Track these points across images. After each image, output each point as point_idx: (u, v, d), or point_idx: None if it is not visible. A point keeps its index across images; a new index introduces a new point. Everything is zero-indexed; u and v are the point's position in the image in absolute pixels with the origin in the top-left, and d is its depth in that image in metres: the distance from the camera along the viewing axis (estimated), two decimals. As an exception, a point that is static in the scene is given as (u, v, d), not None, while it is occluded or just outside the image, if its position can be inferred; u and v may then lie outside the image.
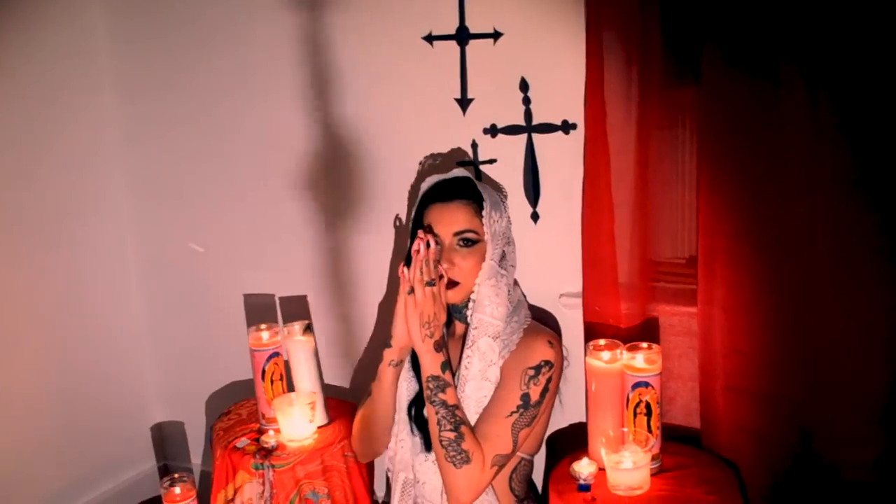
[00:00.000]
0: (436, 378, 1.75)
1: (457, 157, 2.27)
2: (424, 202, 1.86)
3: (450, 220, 1.82)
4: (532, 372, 1.80)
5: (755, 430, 1.90)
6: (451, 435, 1.73)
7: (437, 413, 1.74)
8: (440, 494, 1.86)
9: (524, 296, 1.98)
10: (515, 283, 1.93)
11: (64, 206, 2.73)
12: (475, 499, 1.77)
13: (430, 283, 1.73)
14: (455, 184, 1.86)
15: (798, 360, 1.83)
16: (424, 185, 1.89)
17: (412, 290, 1.73)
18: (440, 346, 1.75)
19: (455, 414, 1.75)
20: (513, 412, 1.78)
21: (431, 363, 1.75)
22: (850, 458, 1.82)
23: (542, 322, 1.94)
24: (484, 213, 1.81)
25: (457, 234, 1.81)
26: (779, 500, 1.91)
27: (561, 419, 2.15)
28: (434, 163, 2.30)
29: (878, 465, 1.80)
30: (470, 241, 1.81)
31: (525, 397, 1.79)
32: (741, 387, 1.91)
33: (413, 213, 1.88)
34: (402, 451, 1.95)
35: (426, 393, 1.76)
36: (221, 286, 2.81)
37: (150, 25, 2.73)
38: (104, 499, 2.86)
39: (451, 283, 1.81)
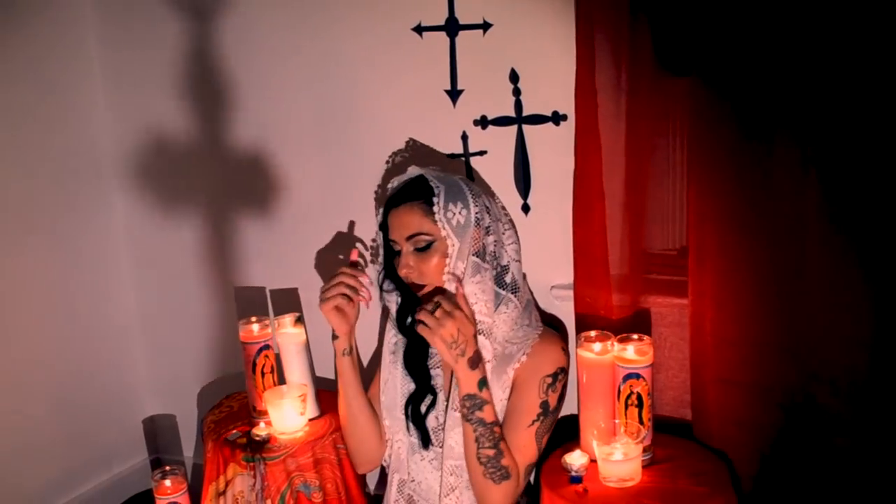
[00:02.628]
0: (472, 397, 1.72)
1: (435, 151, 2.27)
2: (387, 208, 1.82)
3: (399, 224, 1.77)
4: (550, 380, 1.80)
5: (746, 421, 1.90)
6: (491, 452, 1.73)
7: (474, 431, 1.73)
8: (436, 494, 1.87)
9: (532, 293, 1.98)
10: (525, 278, 1.91)
11: (54, 198, 2.71)
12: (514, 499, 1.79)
13: (436, 307, 1.67)
14: (408, 185, 1.80)
15: (789, 350, 1.83)
16: (390, 190, 1.86)
17: (421, 322, 1.68)
18: (475, 362, 1.71)
19: (494, 431, 1.74)
20: (534, 421, 1.78)
21: (467, 382, 1.71)
22: (837, 446, 1.82)
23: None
24: (436, 209, 1.73)
25: (408, 238, 1.76)
26: (769, 489, 1.92)
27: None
28: (403, 159, 2.29)
29: (862, 454, 1.81)
30: (424, 244, 1.76)
31: (544, 405, 1.79)
32: (732, 378, 1.91)
33: (380, 219, 1.85)
34: (397, 451, 1.95)
35: (462, 411, 1.74)
36: (212, 279, 2.80)
37: (137, 18, 2.71)
38: (96, 491, 2.86)
39: (418, 285, 1.79)
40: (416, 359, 1.93)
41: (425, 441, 1.90)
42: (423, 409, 1.91)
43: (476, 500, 1.80)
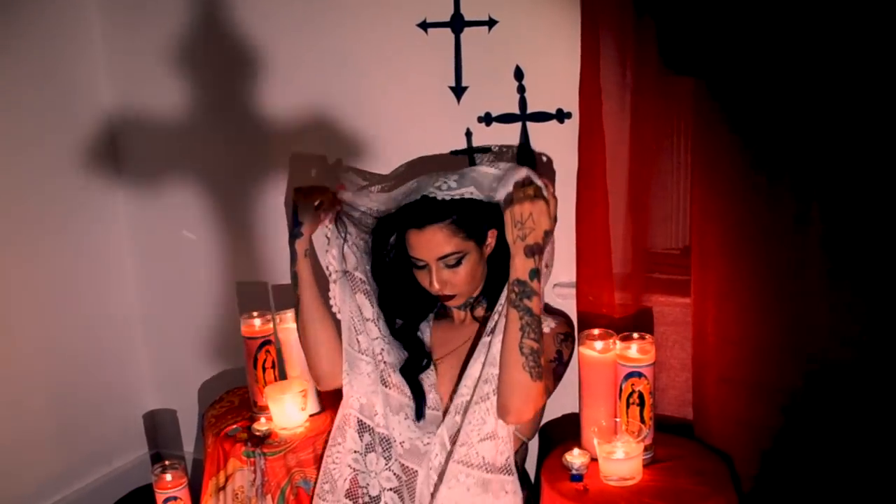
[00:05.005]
0: (522, 283, 1.66)
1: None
2: (405, 226, 1.84)
3: (426, 247, 1.81)
4: (562, 336, 1.84)
5: (747, 421, 1.90)
6: (535, 345, 1.67)
7: (521, 318, 1.67)
8: (421, 454, 1.87)
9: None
10: None
11: (57, 193, 2.72)
12: (530, 418, 1.76)
13: (529, 184, 1.67)
14: (426, 206, 1.80)
15: (790, 350, 1.83)
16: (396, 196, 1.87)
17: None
18: (532, 251, 1.65)
19: (539, 324, 1.70)
20: (551, 360, 1.80)
21: (521, 267, 1.66)
22: (838, 446, 1.82)
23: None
24: (461, 225, 1.80)
25: (440, 258, 1.81)
26: (769, 488, 1.91)
27: (554, 409, 2.15)
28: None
29: (863, 452, 1.81)
30: (455, 261, 1.81)
31: (559, 353, 1.82)
32: (734, 377, 1.91)
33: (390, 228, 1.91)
34: (369, 395, 1.95)
35: (510, 296, 1.68)
36: (214, 274, 2.80)
37: (142, 11, 2.71)
38: (96, 486, 2.86)
39: (448, 297, 1.85)
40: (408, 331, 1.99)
41: (420, 413, 1.90)
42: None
43: (503, 403, 1.72)
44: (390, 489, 1.92)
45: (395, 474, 1.92)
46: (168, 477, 2.12)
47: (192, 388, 2.91)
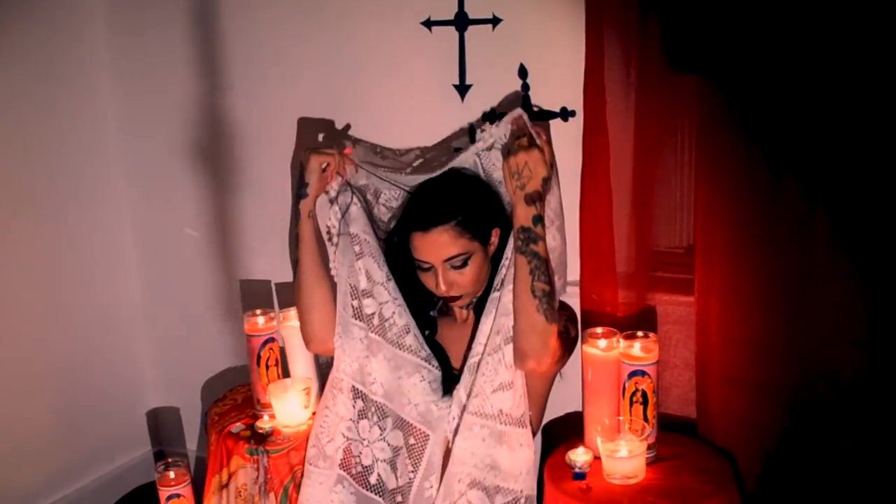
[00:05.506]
0: (526, 230, 1.67)
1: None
2: (409, 228, 1.83)
3: (431, 249, 1.79)
4: (567, 315, 1.83)
5: (751, 420, 1.90)
6: (546, 287, 1.68)
7: (529, 263, 1.67)
8: (435, 417, 1.85)
9: None
10: None
11: (62, 189, 2.72)
12: (551, 366, 1.75)
13: (521, 136, 1.68)
14: (430, 206, 1.80)
15: (794, 350, 1.82)
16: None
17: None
18: (532, 198, 1.66)
19: (549, 266, 1.70)
20: (560, 332, 1.77)
21: (523, 215, 1.67)
22: (842, 446, 1.82)
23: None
24: (466, 226, 1.78)
25: (445, 260, 1.79)
26: (773, 488, 1.91)
27: (558, 407, 2.15)
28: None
29: (865, 455, 1.80)
30: (461, 262, 1.80)
31: (566, 328, 1.81)
32: (737, 376, 1.91)
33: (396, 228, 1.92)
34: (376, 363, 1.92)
35: (516, 244, 1.69)
36: (218, 272, 2.80)
37: (146, 7, 2.71)
38: (99, 483, 2.86)
39: (454, 298, 1.83)
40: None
41: (447, 388, 1.87)
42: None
43: (521, 347, 1.72)
44: (383, 460, 1.91)
45: (389, 444, 1.90)
46: (171, 474, 2.12)
47: (196, 385, 2.91)
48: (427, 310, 2.00)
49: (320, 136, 2.47)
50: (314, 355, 2.20)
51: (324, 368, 2.13)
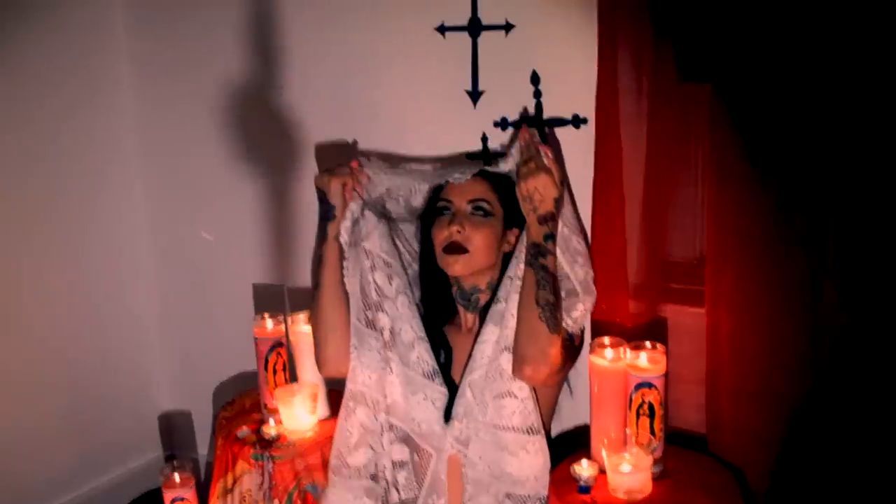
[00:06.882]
0: (536, 245, 1.73)
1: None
2: (444, 185, 1.90)
3: (463, 190, 1.86)
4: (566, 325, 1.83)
5: (761, 436, 1.86)
6: (552, 298, 1.72)
7: (536, 275, 1.72)
8: (438, 436, 1.86)
9: None
10: None
11: (78, 193, 2.74)
12: (549, 376, 1.75)
13: (530, 158, 1.74)
14: (469, 168, 1.90)
15: (805, 364, 1.78)
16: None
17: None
18: (545, 219, 1.72)
19: (555, 280, 1.74)
20: (564, 338, 1.78)
21: (536, 232, 1.74)
22: (854, 463, 1.78)
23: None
24: (497, 191, 1.86)
25: (470, 201, 1.85)
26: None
27: (566, 420, 2.12)
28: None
29: (880, 470, 1.76)
30: (484, 210, 1.85)
31: (570, 336, 1.82)
32: (748, 390, 1.86)
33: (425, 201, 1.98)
34: (389, 383, 1.93)
35: (526, 258, 1.75)
36: (231, 275, 2.80)
37: (168, 8, 2.73)
38: (110, 486, 2.87)
39: (461, 249, 1.83)
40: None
41: (448, 414, 1.88)
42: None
43: (519, 353, 1.75)
44: (402, 467, 1.92)
45: (398, 459, 1.92)
46: (176, 477, 2.12)
47: (208, 389, 2.91)
48: (441, 321, 1.99)
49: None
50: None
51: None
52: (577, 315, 1.85)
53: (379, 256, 1.95)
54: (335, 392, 2.26)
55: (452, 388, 1.89)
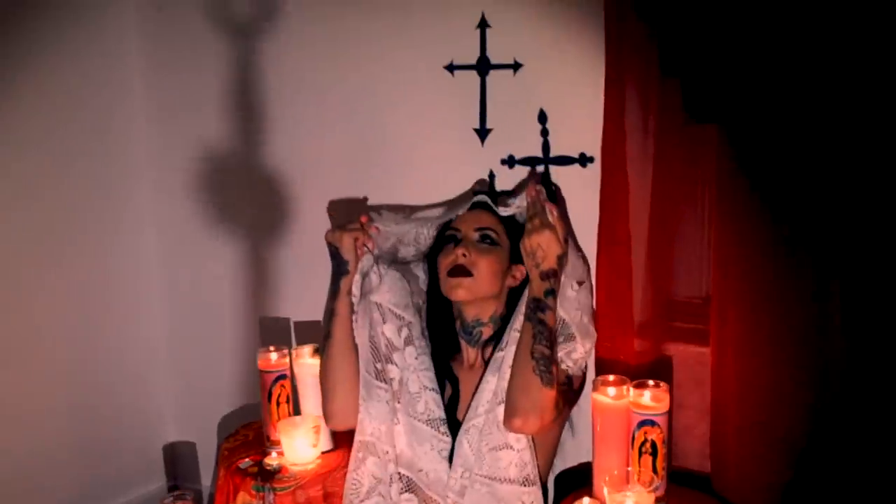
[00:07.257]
0: (537, 300, 1.76)
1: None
2: (447, 225, 1.96)
3: (472, 219, 1.92)
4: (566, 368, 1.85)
5: (766, 475, 1.84)
6: (547, 351, 1.73)
7: (534, 328, 1.75)
8: (444, 484, 1.86)
9: None
10: None
11: (89, 217, 2.77)
12: (540, 428, 1.76)
13: (534, 215, 1.78)
14: (479, 203, 1.96)
15: (811, 406, 1.77)
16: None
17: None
18: (547, 275, 1.76)
19: (553, 335, 1.76)
20: (562, 384, 1.80)
21: (537, 288, 1.77)
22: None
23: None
24: (505, 225, 1.91)
25: (478, 229, 1.89)
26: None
27: (569, 458, 2.11)
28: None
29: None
30: (491, 239, 1.89)
31: (569, 379, 1.84)
32: (753, 431, 1.85)
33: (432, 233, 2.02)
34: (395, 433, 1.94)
35: (526, 312, 1.78)
36: (238, 308, 2.81)
37: (181, 29, 2.78)
38: (114, 514, 2.87)
39: (465, 272, 1.85)
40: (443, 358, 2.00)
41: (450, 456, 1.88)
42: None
43: (510, 404, 1.76)
44: None
45: (417, 499, 1.92)
46: (177, 508, 2.11)
47: (213, 421, 2.91)
48: (446, 356, 1.99)
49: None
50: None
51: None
52: (578, 357, 1.86)
53: (389, 309, 1.98)
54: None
55: (456, 428, 1.90)
